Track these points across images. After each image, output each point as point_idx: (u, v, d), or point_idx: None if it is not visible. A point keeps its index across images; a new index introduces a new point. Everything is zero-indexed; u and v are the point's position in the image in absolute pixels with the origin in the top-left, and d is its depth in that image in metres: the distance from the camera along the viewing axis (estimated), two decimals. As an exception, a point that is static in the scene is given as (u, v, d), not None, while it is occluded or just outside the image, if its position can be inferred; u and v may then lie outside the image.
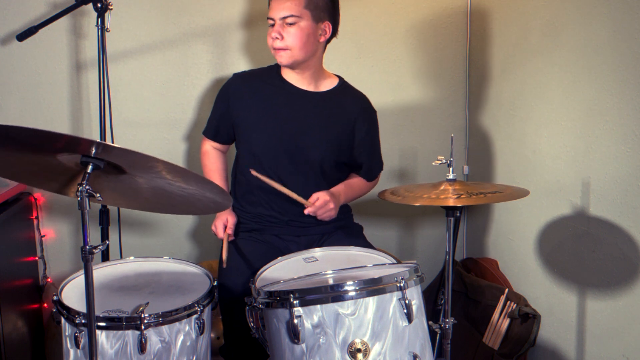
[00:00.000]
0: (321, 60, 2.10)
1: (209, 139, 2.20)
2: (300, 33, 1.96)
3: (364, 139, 2.13)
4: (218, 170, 2.19)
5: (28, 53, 2.40)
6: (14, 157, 1.40)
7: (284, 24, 1.96)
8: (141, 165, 1.39)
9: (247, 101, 2.08)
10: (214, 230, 2.10)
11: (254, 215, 2.12)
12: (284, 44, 1.97)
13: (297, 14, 1.94)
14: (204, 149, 2.23)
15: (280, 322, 1.51)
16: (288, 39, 1.96)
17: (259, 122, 2.06)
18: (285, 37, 1.96)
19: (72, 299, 1.64)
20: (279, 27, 1.96)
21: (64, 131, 2.45)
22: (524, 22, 2.25)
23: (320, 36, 2.01)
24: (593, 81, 1.88)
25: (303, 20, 1.95)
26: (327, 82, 2.13)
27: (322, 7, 1.99)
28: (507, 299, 2.28)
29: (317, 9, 1.97)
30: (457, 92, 2.70)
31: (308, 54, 2.00)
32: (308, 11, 1.96)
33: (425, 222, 2.79)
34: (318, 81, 2.10)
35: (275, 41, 1.98)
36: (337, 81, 2.15)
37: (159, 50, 2.48)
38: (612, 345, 1.86)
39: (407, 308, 1.48)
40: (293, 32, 1.96)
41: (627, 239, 1.78)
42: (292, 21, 1.95)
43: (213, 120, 2.18)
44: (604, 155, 1.85)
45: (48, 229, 2.52)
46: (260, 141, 2.06)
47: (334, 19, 2.05)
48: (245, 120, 2.08)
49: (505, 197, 1.75)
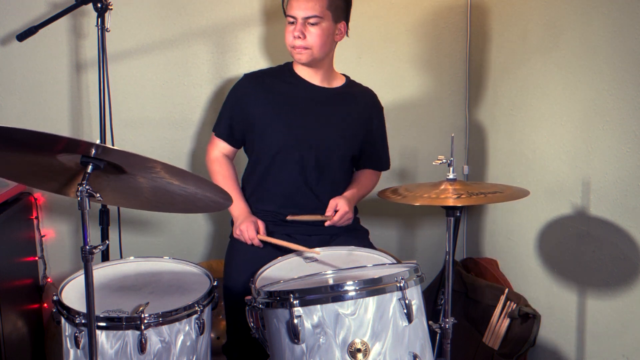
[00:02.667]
0: (332, 58, 2.15)
1: (221, 141, 2.16)
2: (322, 33, 2.00)
3: (376, 131, 2.21)
4: (231, 177, 2.15)
5: (28, 53, 2.40)
6: (14, 157, 1.40)
7: (306, 24, 1.98)
8: (140, 166, 1.39)
9: (263, 99, 2.09)
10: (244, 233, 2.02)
11: (265, 214, 2.12)
12: (305, 43, 2.00)
13: (320, 14, 1.98)
14: (213, 156, 2.18)
15: (280, 322, 1.51)
16: (310, 38, 1.99)
17: (277, 117, 2.08)
18: (307, 37, 1.99)
19: (72, 299, 1.64)
20: (301, 26, 1.98)
21: (64, 131, 2.46)
22: (524, 22, 2.25)
23: (337, 35, 2.07)
24: (593, 81, 1.88)
25: (325, 21, 1.99)
26: (337, 80, 2.18)
27: (342, 7, 2.05)
28: (507, 299, 2.28)
29: (337, 10, 2.02)
30: (457, 92, 2.70)
31: (325, 53, 2.06)
32: (329, 12, 2.00)
33: (425, 222, 2.79)
34: (330, 78, 2.15)
35: (297, 40, 2.00)
36: (345, 79, 2.20)
37: (159, 50, 2.48)
38: (612, 345, 1.86)
39: (407, 308, 1.48)
40: (315, 32, 1.99)
41: (627, 239, 1.77)
42: (314, 21, 1.98)
43: (226, 120, 2.14)
44: (604, 155, 1.85)
45: (48, 229, 2.52)
46: (279, 135, 2.08)
47: (348, 19, 2.10)
48: (262, 116, 2.09)
49: (505, 197, 1.75)
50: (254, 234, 2.01)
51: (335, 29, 2.04)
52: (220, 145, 2.18)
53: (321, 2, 1.97)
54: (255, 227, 2.03)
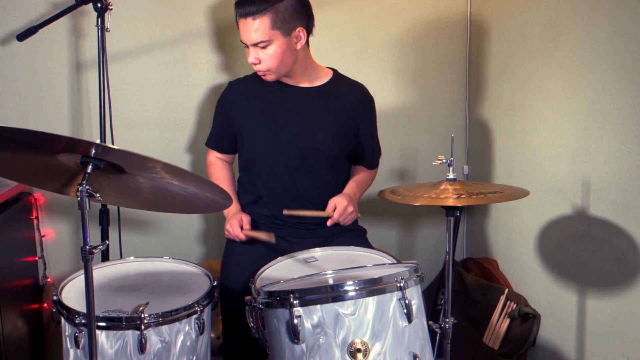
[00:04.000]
0: (309, 57, 2.08)
1: (212, 150, 2.22)
2: (275, 53, 1.94)
3: (366, 127, 2.15)
4: (225, 178, 2.19)
5: (28, 53, 2.40)
6: (14, 157, 1.40)
7: (257, 48, 1.94)
8: (140, 166, 1.39)
9: (247, 105, 2.09)
10: (230, 230, 2.04)
11: (260, 217, 2.13)
12: (263, 67, 1.97)
13: (265, 38, 1.91)
14: (209, 160, 2.24)
15: (280, 322, 1.51)
16: (265, 61, 1.95)
17: (261, 122, 2.07)
18: (262, 60, 1.95)
19: (72, 299, 1.64)
20: (254, 51, 1.95)
21: (64, 131, 2.46)
22: (524, 22, 2.25)
23: (296, 44, 1.98)
24: (593, 81, 1.88)
25: (274, 41, 1.92)
26: (322, 77, 2.12)
27: (289, 17, 1.93)
28: (507, 299, 2.28)
29: (284, 23, 1.91)
30: (457, 92, 2.70)
31: (289, 65, 2.00)
32: (276, 30, 1.91)
33: (425, 222, 2.79)
34: (312, 77, 2.10)
35: (255, 66, 1.98)
36: (332, 74, 2.14)
37: (159, 50, 2.48)
38: (612, 345, 1.86)
39: (407, 308, 1.48)
40: (269, 54, 1.94)
41: (627, 239, 1.77)
42: (263, 45, 1.93)
43: (214, 129, 2.21)
44: (604, 155, 1.85)
45: (48, 229, 2.52)
46: (265, 140, 2.06)
47: (306, 20, 1.99)
48: (247, 123, 2.09)
49: (505, 197, 1.75)
50: (238, 230, 2.01)
51: (290, 40, 1.95)
52: (213, 151, 2.24)
53: (263, 26, 1.89)
54: (240, 223, 2.03)
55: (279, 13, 1.90)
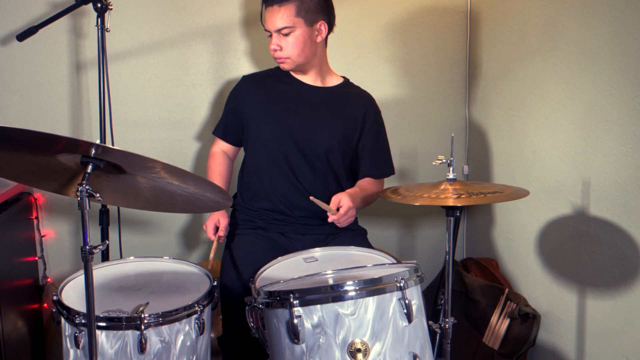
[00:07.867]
0: (325, 56, 2.16)
1: (219, 138, 2.26)
2: (297, 41, 2.02)
3: (368, 133, 2.18)
4: (220, 173, 2.22)
5: (28, 53, 2.40)
6: (14, 157, 1.40)
7: (280, 35, 2.02)
8: (140, 166, 1.39)
9: (257, 97, 2.15)
10: (205, 229, 2.10)
11: (260, 212, 2.14)
12: (283, 54, 2.05)
13: (289, 24, 2.00)
14: (212, 151, 2.27)
15: (280, 322, 1.51)
16: (286, 48, 2.04)
17: (269, 115, 2.12)
18: (284, 48, 2.04)
19: (72, 299, 1.64)
20: (276, 38, 2.03)
21: (64, 131, 2.46)
22: (524, 22, 2.25)
23: (317, 36, 2.07)
24: (593, 81, 1.88)
25: (297, 29, 2.01)
26: (333, 79, 2.20)
27: (314, 9, 2.03)
28: (507, 299, 2.28)
29: (309, 13, 2.02)
30: (457, 92, 2.70)
31: (308, 57, 2.08)
32: (300, 18, 2.01)
33: (425, 222, 2.79)
34: (324, 77, 2.18)
35: (276, 52, 2.06)
36: (342, 80, 2.22)
37: (159, 50, 2.48)
38: (612, 345, 1.86)
39: (407, 308, 1.48)
40: (290, 42, 2.03)
41: (627, 239, 1.77)
42: (287, 32, 2.01)
43: (222, 119, 2.25)
44: (604, 155, 1.85)
45: (48, 229, 2.52)
46: (271, 132, 2.11)
47: (328, 16, 2.09)
48: (255, 114, 2.14)
49: (505, 197, 1.75)
50: (211, 234, 2.07)
51: (312, 31, 2.04)
52: (219, 143, 2.26)
53: (288, 12, 1.99)
54: (217, 225, 2.07)
55: (304, 3, 2.00)
